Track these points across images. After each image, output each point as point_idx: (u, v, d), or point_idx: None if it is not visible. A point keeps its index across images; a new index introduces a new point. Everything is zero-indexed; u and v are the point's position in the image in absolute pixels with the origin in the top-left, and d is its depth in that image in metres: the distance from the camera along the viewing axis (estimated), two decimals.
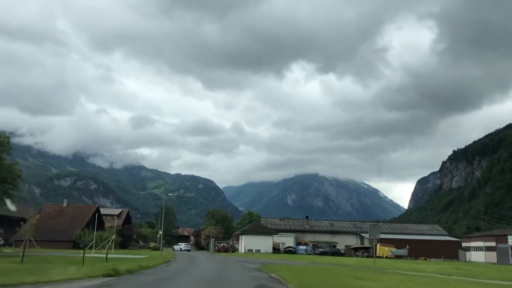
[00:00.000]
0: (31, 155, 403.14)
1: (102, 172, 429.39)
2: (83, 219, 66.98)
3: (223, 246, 68.45)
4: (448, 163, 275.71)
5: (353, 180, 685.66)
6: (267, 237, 61.09)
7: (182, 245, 78.69)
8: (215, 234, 75.99)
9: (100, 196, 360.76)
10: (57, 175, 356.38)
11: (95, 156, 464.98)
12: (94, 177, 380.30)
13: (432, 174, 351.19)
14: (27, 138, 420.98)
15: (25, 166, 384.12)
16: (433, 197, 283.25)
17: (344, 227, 79.80)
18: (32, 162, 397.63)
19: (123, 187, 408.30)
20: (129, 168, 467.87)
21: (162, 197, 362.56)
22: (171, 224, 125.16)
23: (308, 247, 74.22)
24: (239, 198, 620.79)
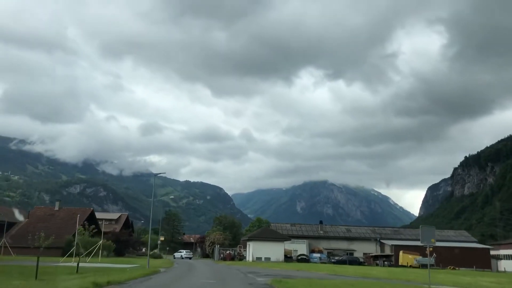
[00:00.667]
0: (41, 163, 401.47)
1: (112, 179, 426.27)
2: (75, 224, 60.03)
3: (228, 254, 61.13)
4: (460, 169, 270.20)
5: (363, 187, 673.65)
6: (278, 243, 53.66)
7: (183, 253, 71.92)
8: (221, 240, 68.70)
9: (109, 203, 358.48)
10: (67, 182, 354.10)
11: (104, 163, 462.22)
12: (103, 184, 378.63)
13: (443, 181, 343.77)
14: (37, 146, 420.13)
15: (35, 174, 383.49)
16: (444, 204, 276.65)
17: (362, 233, 71.98)
18: (42, 169, 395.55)
19: (132, 194, 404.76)
20: (138, 175, 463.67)
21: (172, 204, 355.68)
22: (176, 230, 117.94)
23: (323, 255, 66.61)
24: (248, 205, 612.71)
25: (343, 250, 69.65)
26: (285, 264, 46.77)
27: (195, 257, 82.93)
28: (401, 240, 69.75)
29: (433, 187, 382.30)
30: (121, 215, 79.05)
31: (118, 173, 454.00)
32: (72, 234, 57.91)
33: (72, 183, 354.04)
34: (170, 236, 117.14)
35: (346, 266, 47.65)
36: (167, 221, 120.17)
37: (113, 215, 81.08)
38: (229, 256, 61.36)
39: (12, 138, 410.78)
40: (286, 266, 39.82)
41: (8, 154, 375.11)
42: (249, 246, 55.58)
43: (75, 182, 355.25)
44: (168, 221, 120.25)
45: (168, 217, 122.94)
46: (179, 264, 45.83)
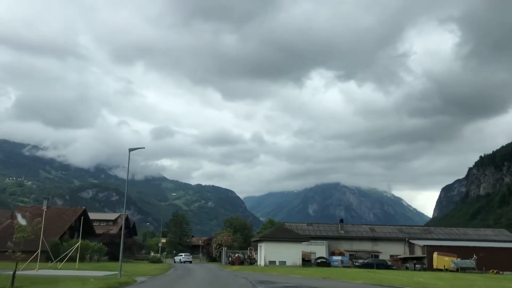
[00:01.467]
0: (54, 168, 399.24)
1: (124, 183, 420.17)
2: (64, 225, 52.28)
3: (237, 257, 52.67)
4: (474, 169, 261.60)
5: (375, 189, 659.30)
6: (295, 245, 45.00)
7: (182, 256, 64.90)
8: (229, 242, 60.27)
9: (121, 208, 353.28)
10: (79, 187, 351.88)
11: (116, 168, 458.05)
12: (115, 189, 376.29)
13: (457, 181, 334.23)
14: (50, 151, 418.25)
15: (48, 179, 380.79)
16: (459, 205, 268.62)
17: (387, 233, 62.93)
18: (55, 174, 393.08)
19: (144, 198, 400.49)
20: (150, 179, 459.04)
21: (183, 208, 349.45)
22: (184, 233, 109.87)
23: (344, 257, 57.82)
24: (260, 208, 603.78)
25: (367, 252, 60.74)
26: (304, 269, 38.13)
27: (202, 261, 74.66)
28: (432, 240, 60.57)
29: (447, 188, 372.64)
30: (120, 216, 71.18)
31: (130, 178, 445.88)
32: (60, 236, 50.16)
33: (84, 188, 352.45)
34: (178, 238, 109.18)
35: (378, 272, 38.84)
36: (175, 223, 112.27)
37: (110, 215, 73.31)
38: (238, 260, 52.95)
39: (26, 144, 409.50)
40: (306, 272, 31.23)
41: (21, 160, 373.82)
42: (261, 248, 47.06)
43: (88, 187, 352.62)
44: (176, 223, 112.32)
45: (175, 218, 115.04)
46: (176, 269, 37.72)
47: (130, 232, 69.01)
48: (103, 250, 48.49)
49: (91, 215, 67.24)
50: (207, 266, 48.77)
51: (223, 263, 54.89)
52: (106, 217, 70.16)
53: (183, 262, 61.51)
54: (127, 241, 53.95)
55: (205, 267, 46.47)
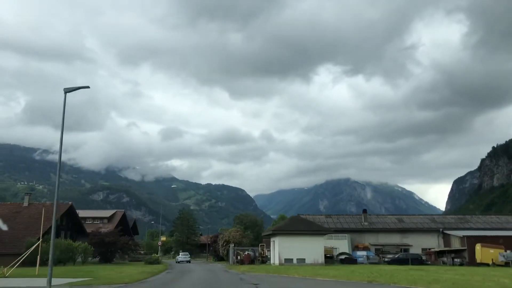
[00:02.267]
0: (64, 171, 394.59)
1: (134, 185, 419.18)
2: (47, 222, 44.43)
3: (247, 255, 44.50)
4: (487, 160, 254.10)
5: (386, 183, 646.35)
6: (316, 238, 36.55)
7: (180, 255, 59.59)
8: (237, 238, 52.14)
9: (132, 209, 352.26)
10: (90, 190, 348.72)
11: (126, 169, 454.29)
12: (126, 190, 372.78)
13: (469, 173, 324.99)
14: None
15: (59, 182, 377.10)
16: (473, 197, 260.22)
17: (418, 223, 54.29)
18: (66, 178, 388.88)
19: (154, 199, 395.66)
20: (160, 180, 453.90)
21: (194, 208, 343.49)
22: (191, 231, 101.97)
23: (370, 252, 49.51)
24: (270, 206, 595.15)
25: (395, 246, 52.24)
26: (331, 268, 29.78)
27: (210, 260, 66.67)
28: (471, 230, 51.77)
29: (459, 181, 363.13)
30: (116, 213, 63.37)
31: (140, 179, 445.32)
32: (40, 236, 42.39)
33: (95, 190, 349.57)
34: (185, 237, 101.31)
35: (424, 269, 30.33)
36: (182, 221, 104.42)
37: (105, 212, 65.53)
38: (248, 259, 44.83)
39: (36, 148, 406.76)
40: (337, 273, 22.92)
41: (32, 164, 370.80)
42: (274, 243, 38.81)
43: (98, 189, 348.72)
44: (182, 221, 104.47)
45: (182, 216, 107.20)
46: (170, 272, 29.77)
47: (128, 231, 61.19)
48: (89, 251, 40.60)
49: (84, 213, 59.71)
50: (211, 267, 40.74)
51: (230, 262, 46.87)
52: (100, 214, 62.47)
53: (179, 261, 55.37)
54: (120, 240, 46.05)
55: (207, 267, 38.41)
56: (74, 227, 50.26)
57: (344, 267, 32.75)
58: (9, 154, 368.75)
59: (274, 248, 38.70)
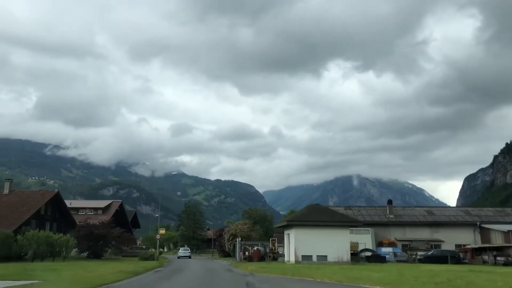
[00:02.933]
0: (75, 167, 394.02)
1: (144, 180, 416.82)
2: (27, 211, 38.41)
3: (256, 251, 37.95)
4: (500, 157, 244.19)
5: (396, 180, 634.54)
6: (341, 231, 29.52)
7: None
8: (245, 231, 45.48)
9: (142, 204, 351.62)
10: (100, 185, 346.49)
11: (136, 165, 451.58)
12: (136, 186, 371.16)
13: (481, 170, 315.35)
14: (71, 150, 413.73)
15: (70, 177, 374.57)
16: (485, 194, 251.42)
17: (450, 216, 47.16)
18: (76, 173, 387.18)
19: (164, 194, 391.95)
20: (170, 175, 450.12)
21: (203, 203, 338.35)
22: (198, 225, 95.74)
23: (396, 248, 42.65)
24: (279, 202, 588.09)
25: (425, 241, 45.24)
26: (363, 268, 22.96)
27: (215, 256, 60.23)
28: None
29: (471, 177, 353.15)
30: (112, 203, 57.08)
31: (150, 174, 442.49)
32: (17, 227, 36.27)
33: (105, 185, 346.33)
34: (191, 231, 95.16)
35: (482, 269, 23.32)
36: (188, 215, 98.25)
37: (99, 202, 59.29)
38: (257, 255, 38.25)
39: (47, 144, 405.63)
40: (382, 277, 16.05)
41: (43, 160, 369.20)
42: (289, 237, 32.02)
43: (108, 185, 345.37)
44: (189, 214, 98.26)
45: (188, 209, 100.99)
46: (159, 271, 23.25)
47: (126, 223, 54.94)
48: (71, 245, 34.27)
49: (77, 203, 53.64)
50: (214, 264, 34.21)
51: (237, 259, 40.31)
52: (94, 204, 56.27)
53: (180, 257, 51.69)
54: (111, 233, 39.68)
55: (209, 265, 31.83)
56: (61, 218, 44.11)
57: (376, 266, 25.90)
58: (21, 149, 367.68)
59: (289, 242, 31.92)
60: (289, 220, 29.93)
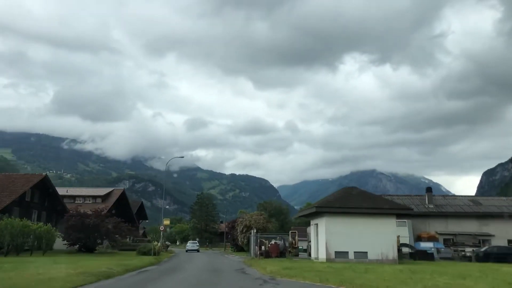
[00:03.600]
0: (92, 161, 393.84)
1: (160, 174, 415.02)
2: (7, 197, 32.58)
3: (275, 246, 31.46)
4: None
5: (412, 175, 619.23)
6: (386, 220, 22.58)
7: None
8: (261, 222, 38.95)
9: (157, 198, 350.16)
10: (116, 179, 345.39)
11: (152, 159, 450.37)
12: (151, 179, 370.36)
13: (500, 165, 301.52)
14: (88, 144, 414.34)
15: (86, 171, 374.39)
16: (504, 189, 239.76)
17: (502, 207, 39.76)
18: (93, 167, 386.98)
19: (179, 188, 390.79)
20: (185, 169, 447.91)
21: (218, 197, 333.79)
22: (210, 218, 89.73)
23: (438, 243, 35.71)
24: (294, 197, 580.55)
25: (471, 236, 38.02)
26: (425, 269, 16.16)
27: (228, 251, 53.98)
28: None
29: (489, 172, 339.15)
30: (113, 191, 51.10)
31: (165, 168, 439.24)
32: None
33: (121, 179, 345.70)
34: (204, 224, 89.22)
35: None
36: (200, 206, 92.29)
37: (99, 190, 53.45)
38: (276, 250, 31.76)
39: (64, 138, 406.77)
40: (473, 285, 9.17)
41: (60, 154, 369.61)
42: (317, 228, 25.27)
43: (124, 178, 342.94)
44: (201, 206, 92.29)
45: (200, 201, 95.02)
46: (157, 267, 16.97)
47: (129, 214, 49.03)
48: (52, 236, 28.27)
49: (74, 191, 47.92)
50: (224, 260, 27.83)
51: (251, 255, 33.82)
52: (93, 192, 50.43)
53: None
54: (105, 223, 33.61)
55: (216, 262, 25.44)
56: (52, 207, 38.29)
57: (438, 267, 19.02)
58: (39, 143, 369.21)
59: (316, 235, 25.19)
60: (319, 206, 22.95)
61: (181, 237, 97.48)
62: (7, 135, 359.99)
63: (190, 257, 34.48)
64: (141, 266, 20.12)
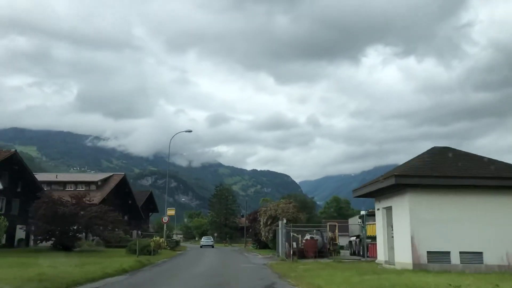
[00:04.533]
0: (115, 157, 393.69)
1: (181, 170, 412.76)
2: None
3: (311, 242, 22.18)
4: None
5: None
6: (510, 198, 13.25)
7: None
8: (290, 213, 29.62)
9: (180, 194, 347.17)
10: (139, 175, 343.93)
11: (174, 155, 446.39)
12: (173, 176, 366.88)
13: None
14: (111, 141, 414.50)
15: (109, 168, 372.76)
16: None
17: None
18: (116, 163, 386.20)
19: (201, 184, 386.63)
20: (207, 165, 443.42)
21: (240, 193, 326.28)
22: (230, 211, 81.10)
23: None
24: (316, 193, 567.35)
25: None
26: None
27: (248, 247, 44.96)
28: None
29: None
30: (112, 176, 42.61)
31: (187, 165, 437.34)
32: None
33: (144, 175, 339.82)
34: (223, 218, 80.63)
35: None
36: (219, 199, 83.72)
37: (94, 176, 45.16)
38: (313, 247, 22.70)
39: (88, 135, 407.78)
40: None
41: (84, 151, 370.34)
42: (389, 214, 15.90)
43: (147, 174, 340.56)
44: (220, 198, 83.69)
45: (219, 193, 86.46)
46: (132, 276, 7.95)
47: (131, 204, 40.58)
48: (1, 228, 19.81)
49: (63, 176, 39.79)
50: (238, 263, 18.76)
51: (279, 253, 24.66)
52: (87, 177, 42.14)
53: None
54: (85, 213, 25.03)
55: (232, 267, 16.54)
56: (28, 193, 30.05)
57: None
58: (63, 141, 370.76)
59: (388, 225, 15.70)
60: (402, 174, 12.80)
61: (200, 232, 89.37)
62: (32, 133, 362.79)
63: (197, 257, 25.50)
64: (92, 278, 11.22)
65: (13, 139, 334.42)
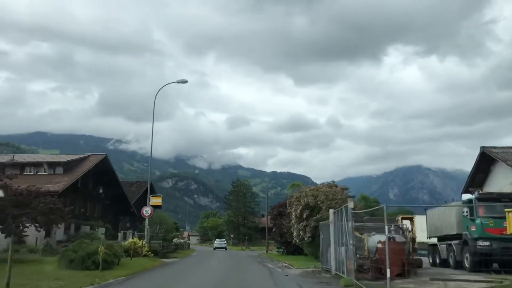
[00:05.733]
0: (136, 160, 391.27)
1: (202, 172, 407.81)
2: None
3: (394, 246, 10.69)
4: None
5: (461, 170, 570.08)
6: None
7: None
8: (339, 199, 18.38)
9: (200, 195, 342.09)
10: (160, 177, 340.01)
11: (195, 157, 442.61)
12: (194, 178, 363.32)
13: None
14: (132, 144, 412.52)
15: (131, 171, 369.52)
16: None
17: None
18: (137, 166, 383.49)
19: (221, 186, 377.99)
20: (227, 167, 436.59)
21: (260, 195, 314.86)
22: (248, 209, 70.12)
23: None
24: None
25: None
26: None
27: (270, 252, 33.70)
28: None
29: None
30: (89, 157, 32.42)
31: (207, 167, 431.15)
32: None
33: (165, 177, 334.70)
34: (241, 217, 69.70)
35: None
36: (237, 197, 72.91)
37: (60, 156, 34.62)
38: (400, 256, 11.15)
39: (109, 139, 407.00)
40: None
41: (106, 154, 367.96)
42: None
43: (168, 177, 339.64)
44: (238, 196, 72.83)
45: (236, 190, 75.63)
46: None
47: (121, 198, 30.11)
48: None
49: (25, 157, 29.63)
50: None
51: (331, 267, 13.32)
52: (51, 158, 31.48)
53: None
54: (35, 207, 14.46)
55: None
56: None
57: None
58: (85, 144, 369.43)
59: None
60: None
61: (215, 234, 78.94)
62: (55, 136, 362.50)
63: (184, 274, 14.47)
64: None
65: (37, 143, 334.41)
